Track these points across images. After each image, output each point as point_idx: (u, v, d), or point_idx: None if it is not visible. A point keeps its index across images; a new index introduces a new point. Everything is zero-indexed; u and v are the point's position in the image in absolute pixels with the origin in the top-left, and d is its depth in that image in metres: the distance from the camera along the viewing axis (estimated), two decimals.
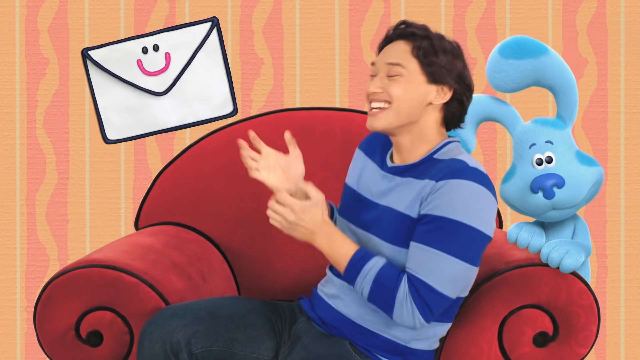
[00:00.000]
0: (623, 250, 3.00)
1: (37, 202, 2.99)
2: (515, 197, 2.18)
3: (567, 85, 2.17)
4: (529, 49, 2.16)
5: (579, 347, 2.03)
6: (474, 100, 2.19)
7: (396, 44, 1.98)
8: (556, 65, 2.16)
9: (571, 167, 2.15)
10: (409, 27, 1.99)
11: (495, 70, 2.19)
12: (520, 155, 2.20)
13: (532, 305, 2.03)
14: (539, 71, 2.15)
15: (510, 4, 2.98)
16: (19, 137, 2.97)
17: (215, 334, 1.96)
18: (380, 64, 1.98)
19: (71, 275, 2.05)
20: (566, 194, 2.12)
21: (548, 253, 2.03)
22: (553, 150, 2.16)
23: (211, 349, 1.95)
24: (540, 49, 2.16)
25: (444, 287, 1.85)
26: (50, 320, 2.05)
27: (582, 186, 2.13)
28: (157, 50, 1.69)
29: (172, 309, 1.98)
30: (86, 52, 1.58)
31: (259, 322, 2.02)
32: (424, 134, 1.97)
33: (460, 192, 1.86)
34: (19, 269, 3.01)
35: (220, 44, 1.54)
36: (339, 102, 2.98)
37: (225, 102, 1.53)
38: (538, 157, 2.16)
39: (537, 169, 2.16)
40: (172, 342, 1.92)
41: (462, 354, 2.03)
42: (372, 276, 1.88)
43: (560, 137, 2.17)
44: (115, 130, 1.52)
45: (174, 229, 2.52)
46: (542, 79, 2.17)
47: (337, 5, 2.99)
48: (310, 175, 2.52)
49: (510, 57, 2.16)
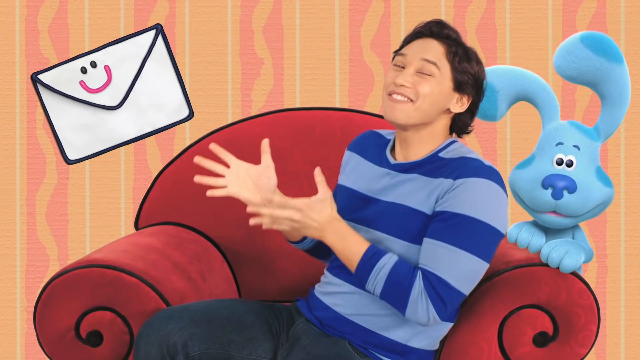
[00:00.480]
0: (623, 250, 3.00)
1: (37, 202, 2.99)
2: (524, 186, 2.18)
3: (620, 102, 2.16)
4: (608, 51, 2.15)
5: (579, 347, 2.03)
6: (523, 73, 2.19)
7: (429, 42, 1.96)
8: (621, 79, 2.15)
9: (587, 178, 2.14)
10: (444, 28, 1.97)
11: (567, 52, 2.16)
12: (544, 148, 2.19)
13: (532, 305, 2.03)
14: (604, 75, 2.13)
15: (510, 4, 2.98)
16: (19, 137, 2.97)
17: (212, 336, 1.95)
18: (414, 58, 1.95)
19: (71, 275, 2.05)
20: (573, 201, 2.12)
21: (548, 253, 2.03)
22: (577, 156, 2.15)
23: (208, 351, 1.94)
24: (617, 56, 2.14)
25: (460, 284, 1.85)
26: (50, 320, 2.05)
27: (591, 200, 2.13)
28: (95, 66, 1.65)
29: (169, 311, 1.98)
30: (36, 77, 1.56)
31: (256, 323, 2.01)
32: (432, 135, 1.98)
33: (478, 190, 1.87)
34: (19, 269, 3.01)
35: (167, 49, 1.53)
36: (339, 102, 2.98)
37: (180, 107, 1.50)
38: (560, 157, 2.16)
39: (555, 168, 2.16)
40: (169, 345, 1.92)
41: (462, 354, 2.03)
42: (385, 273, 1.86)
43: (589, 147, 2.16)
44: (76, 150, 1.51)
45: (174, 229, 2.52)
46: (601, 84, 2.15)
47: (337, 5, 2.98)
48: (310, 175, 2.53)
49: (588, 47, 2.14)
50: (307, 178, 2.51)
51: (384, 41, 2.97)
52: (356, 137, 2.17)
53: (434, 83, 1.93)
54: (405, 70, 1.94)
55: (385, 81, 1.97)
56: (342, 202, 2.07)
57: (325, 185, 1.88)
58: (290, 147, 2.52)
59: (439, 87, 1.93)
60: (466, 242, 1.84)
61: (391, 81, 1.95)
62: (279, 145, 2.50)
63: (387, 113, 1.95)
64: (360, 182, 2.05)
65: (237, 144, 2.52)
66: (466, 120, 2.00)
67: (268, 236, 2.52)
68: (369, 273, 1.88)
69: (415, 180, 1.94)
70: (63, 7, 2.97)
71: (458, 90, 1.95)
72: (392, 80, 1.95)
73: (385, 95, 1.96)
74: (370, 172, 2.04)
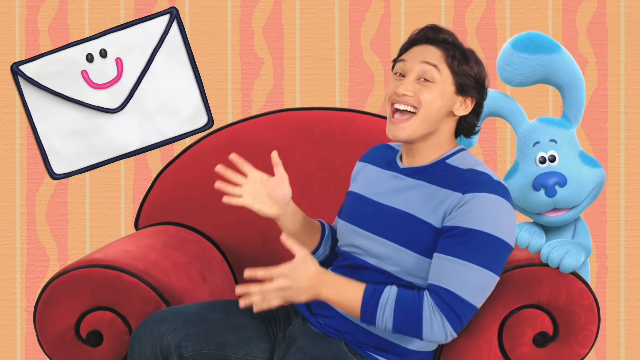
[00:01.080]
0: (623, 250, 3.00)
1: (37, 202, 2.99)
2: (517, 195, 2.19)
3: (575, 85, 2.18)
4: (542, 45, 2.16)
5: (579, 347, 2.03)
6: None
7: (427, 48, 1.96)
8: (566, 64, 2.17)
9: (574, 166, 2.15)
10: (440, 33, 1.96)
11: (506, 63, 2.19)
12: (524, 152, 2.21)
13: (532, 305, 2.03)
14: (549, 68, 2.16)
15: (510, 4, 2.98)
16: (19, 137, 2.97)
17: (206, 337, 1.95)
18: (414, 62, 1.94)
19: (71, 275, 2.05)
20: (568, 193, 2.13)
21: (548, 253, 2.03)
22: (557, 149, 2.17)
23: (202, 352, 1.94)
24: (553, 46, 2.16)
25: (473, 298, 1.84)
26: (50, 320, 2.05)
27: (584, 186, 2.14)
28: (104, 56, 1.42)
29: (162, 312, 1.97)
30: (16, 68, 1.32)
31: (252, 324, 2.01)
32: (439, 141, 1.97)
33: (490, 206, 1.86)
34: (19, 269, 3.01)
35: (182, 40, 1.31)
36: (339, 102, 2.98)
37: (197, 113, 1.28)
38: (541, 155, 2.17)
39: (540, 167, 2.17)
40: (162, 346, 1.92)
41: (462, 354, 2.03)
42: (392, 306, 1.85)
43: (565, 136, 2.18)
44: (64, 162, 1.29)
45: (174, 229, 2.52)
46: (551, 76, 2.17)
47: (337, 5, 2.99)
48: (310, 175, 2.53)
49: (522, 50, 2.17)
50: (307, 178, 2.51)
51: (384, 41, 2.97)
52: (369, 149, 2.17)
53: (435, 89, 1.92)
54: (406, 78, 1.94)
55: (387, 91, 1.96)
56: (349, 207, 2.07)
57: (299, 246, 1.85)
58: (290, 147, 2.52)
59: (440, 93, 1.93)
60: (477, 256, 1.84)
61: (393, 91, 1.94)
62: (279, 145, 2.50)
63: (389, 134, 1.94)
64: (368, 187, 2.04)
65: (237, 144, 2.52)
66: (472, 121, 1.99)
67: (268, 236, 2.52)
68: (375, 312, 1.86)
69: (421, 187, 1.94)
70: (63, 7, 2.97)
71: (460, 93, 1.95)
72: (393, 90, 1.94)
73: (387, 105, 1.96)
74: (379, 176, 2.04)
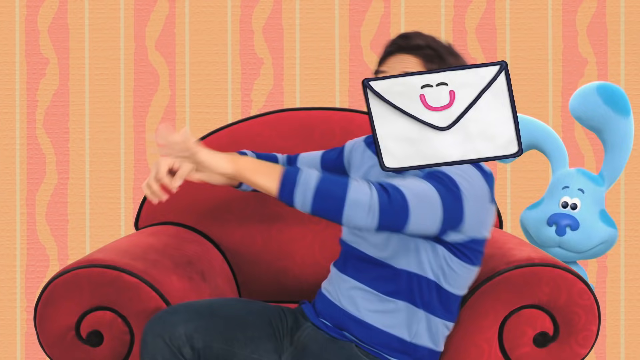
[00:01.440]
0: (623, 250, 3.00)
1: (37, 202, 2.99)
2: (532, 225, 2.41)
3: (622, 151, 2.38)
4: (616, 102, 2.37)
5: (579, 347, 2.03)
6: (536, 124, 2.43)
7: (403, 57, 1.99)
8: (623, 131, 2.36)
9: (590, 218, 2.36)
10: (410, 40, 1.99)
11: (581, 95, 2.39)
12: (552, 192, 2.43)
13: (532, 306, 2.03)
14: (608, 124, 2.38)
15: (510, 4, 2.98)
16: (19, 137, 2.97)
17: (215, 331, 1.97)
18: (395, 72, 1.98)
19: (71, 275, 2.05)
20: (576, 238, 2.35)
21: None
22: (581, 199, 2.37)
23: (211, 346, 1.96)
24: (624, 109, 2.36)
25: (407, 190, 1.82)
26: (50, 320, 2.05)
27: (594, 238, 2.36)
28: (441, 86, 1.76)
29: (174, 306, 2.00)
30: (367, 83, 1.61)
31: (258, 323, 2.02)
32: None
33: (466, 167, 1.91)
34: (19, 269, 3.01)
35: (507, 88, 1.57)
36: (339, 102, 2.98)
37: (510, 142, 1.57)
38: (565, 200, 2.38)
39: (560, 210, 2.39)
40: (174, 336, 1.93)
41: (462, 354, 2.03)
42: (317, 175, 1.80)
43: (594, 191, 2.38)
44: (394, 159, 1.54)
45: (174, 229, 2.52)
46: (606, 132, 2.37)
47: (337, 5, 2.98)
48: None
49: (601, 94, 2.34)
50: None
51: (384, 41, 2.97)
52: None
53: None
54: None
55: None
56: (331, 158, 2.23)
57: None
58: (290, 147, 2.52)
59: None
60: (433, 183, 1.85)
61: None
62: (279, 145, 2.50)
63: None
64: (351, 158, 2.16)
65: (237, 144, 2.52)
66: None
67: (268, 236, 2.52)
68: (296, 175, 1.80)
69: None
70: (63, 7, 2.97)
71: None
72: None
73: None
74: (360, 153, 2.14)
